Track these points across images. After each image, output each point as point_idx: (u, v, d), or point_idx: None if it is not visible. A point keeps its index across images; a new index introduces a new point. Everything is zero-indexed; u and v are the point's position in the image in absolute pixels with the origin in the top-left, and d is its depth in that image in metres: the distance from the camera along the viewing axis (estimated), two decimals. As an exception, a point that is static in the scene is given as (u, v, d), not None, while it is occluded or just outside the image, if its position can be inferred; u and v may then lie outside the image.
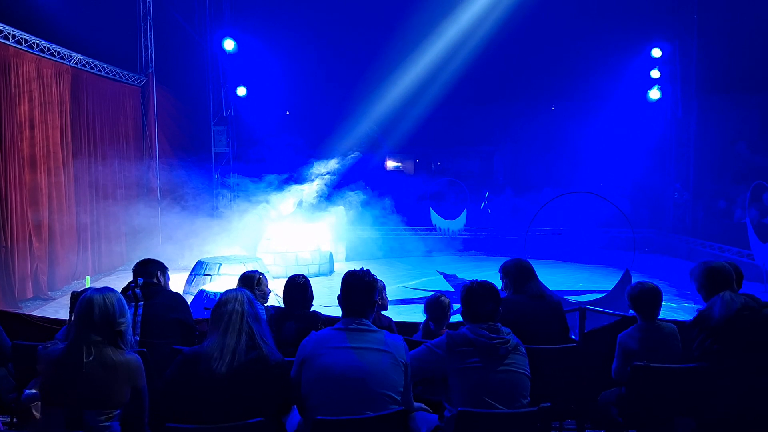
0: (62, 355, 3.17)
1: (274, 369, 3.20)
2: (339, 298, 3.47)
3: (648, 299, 4.16)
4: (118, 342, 3.23)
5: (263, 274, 5.10)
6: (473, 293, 3.58)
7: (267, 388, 3.18)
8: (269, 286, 5.30)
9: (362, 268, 3.58)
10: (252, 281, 4.93)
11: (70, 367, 3.13)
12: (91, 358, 3.13)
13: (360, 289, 3.42)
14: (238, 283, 4.96)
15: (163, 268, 4.67)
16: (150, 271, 4.55)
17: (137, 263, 4.64)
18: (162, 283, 4.62)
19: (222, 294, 3.37)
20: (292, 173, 14.60)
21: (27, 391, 3.72)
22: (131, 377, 3.21)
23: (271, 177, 14.36)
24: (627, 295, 4.27)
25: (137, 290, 4.35)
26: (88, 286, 3.43)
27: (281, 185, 14.22)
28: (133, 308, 4.21)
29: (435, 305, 4.65)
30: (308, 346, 3.30)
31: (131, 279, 4.50)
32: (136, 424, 3.30)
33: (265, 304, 5.06)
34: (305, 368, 3.25)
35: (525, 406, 3.37)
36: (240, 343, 3.16)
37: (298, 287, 4.61)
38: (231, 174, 15.99)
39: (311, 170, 14.62)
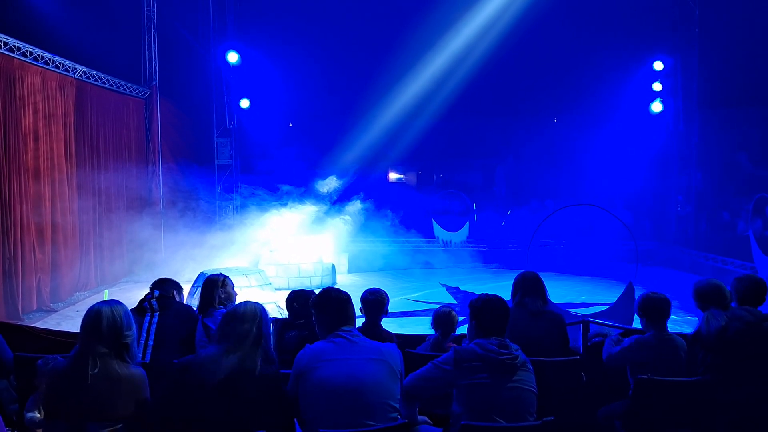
0: (67, 367, 3.17)
1: (268, 382, 3.17)
2: (316, 320, 3.45)
3: (657, 306, 4.28)
4: (123, 355, 3.23)
5: (227, 277, 5.13)
6: (488, 307, 3.52)
7: (261, 401, 3.15)
8: (273, 298, 5.34)
9: (325, 287, 3.61)
10: (216, 284, 4.96)
11: (75, 378, 3.12)
12: (96, 371, 3.12)
13: (336, 304, 3.42)
14: (203, 286, 5.00)
15: (179, 288, 4.91)
16: (167, 288, 4.77)
17: (155, 281, 4.86)
18: (177, 300, 4.85)
19: (240, 307, 3.30)
20: (305, 186, 14.60)
21: (29, 414, 3.71)
22: (135, 391, 3.20)
23: (287, 187, 14.35)
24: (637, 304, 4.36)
25: (153, 301, 4.54)
26: (106, 298, 3.46)
27: (297, 198, 14.19)
28: (148, 318, 4.37)
29: (446, 319, 4.66)
30: (303, 359, 3.28)
31: (147, 292, 4.74)
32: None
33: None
34: (302, 382, 3.23)
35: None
36: (242, 361, 3.13)
37: (303, 299, 4.67)
38: (241, 185, 15.98)
39: (326, 186, 14.65)
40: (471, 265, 15.48)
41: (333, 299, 3.45)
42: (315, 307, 3.48)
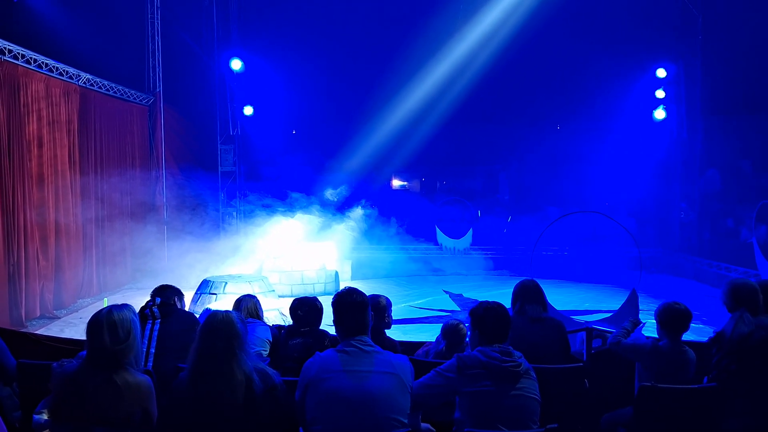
0: (74, 373, 3.17)
1: (265, 395, 3.15)
2: (334, 322, 3.41)
3: (677, 318, 4.19)
4: (129, 361, 3.23)
5: (256, 298, 5.17)
6: (490, 314, 3.51)
7: (260, 415, 3.13)
8: (276, 305, 5.36)
9: (347, 287, 3.52)
10: (247, 305, 5.04)
11: (81, 384, 3.12)
12: (102, 375, 3.12)
13: (352, 309, 3.36)
14: (240, 302, 5.04)
15: (180, 294, 4.87)
16: (168, 295, 4.74)
17: (156, 288, 4.82)
18: (179, 307, 4.81)
19: (210, 318, 3.26)
20: (310, 194, 14.59)
21: (37, 417, 3.71)
22: (141, 398, 3.19)
23: (296, 194, 14.36)
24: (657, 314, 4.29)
25: (154, 308, 4.54)
26: (105, 305, 3.47)
27: (304, 206, 14.18)
28: (150, 325, 4.38)
29: (453, 331, 4.63)
30: (312, 369, 3.23)
31: (148, 299, 4.69)
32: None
33: (270, 324, 5.14)
34: (310, 392, 3.17)
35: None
36: (232, 374, 3.12)
37: (307, 307, 4.66)
38: (247, 192, 16.00)
39: (336, 195, 14.66)
40: (479, 272, 15.45)
41: (349, 304, 3.37)
42: (334, 310, 3.41)
